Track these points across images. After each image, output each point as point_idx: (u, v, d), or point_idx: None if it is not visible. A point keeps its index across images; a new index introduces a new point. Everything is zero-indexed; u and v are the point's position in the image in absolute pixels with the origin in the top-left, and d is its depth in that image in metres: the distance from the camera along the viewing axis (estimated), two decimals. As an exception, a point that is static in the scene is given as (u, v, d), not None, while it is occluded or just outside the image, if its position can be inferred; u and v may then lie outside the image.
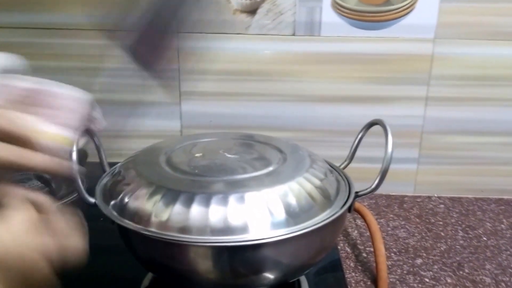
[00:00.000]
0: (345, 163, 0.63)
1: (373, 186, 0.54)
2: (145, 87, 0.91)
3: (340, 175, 0.60)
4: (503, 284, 0.67)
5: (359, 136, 0.62)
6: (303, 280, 0.61)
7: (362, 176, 0.56)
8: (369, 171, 0.56)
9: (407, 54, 0.88)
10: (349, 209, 0.53)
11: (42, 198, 0.42)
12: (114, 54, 0.89)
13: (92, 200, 0.52)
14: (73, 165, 0.48)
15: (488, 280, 0.68)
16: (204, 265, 0.48)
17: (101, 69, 0.91)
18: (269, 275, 0.49)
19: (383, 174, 0.53)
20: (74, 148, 0.50)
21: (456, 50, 0.88)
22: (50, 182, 0.75)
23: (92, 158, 0.62)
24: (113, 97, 0.92)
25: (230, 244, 0.46)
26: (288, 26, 0.87)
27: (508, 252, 0.75)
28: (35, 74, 0.91)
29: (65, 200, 0.80)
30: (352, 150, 0.63)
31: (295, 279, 0.59)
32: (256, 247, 0.46)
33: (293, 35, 0.88)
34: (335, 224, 0.52)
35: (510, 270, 0.70)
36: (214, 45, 0.89)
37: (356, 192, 0.55)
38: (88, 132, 0.57)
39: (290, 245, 0.48)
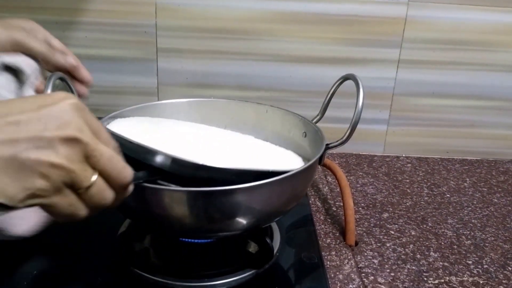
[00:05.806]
0: (318, 117, 0.65)
1: (344, 138, 0.56)
2: (122, 43, 0.91)
3: (314, 128, 0.62)
4: (463, 237, 0.70)
5: (332, 90, 0.63)
6: (276, 230, 0.63)
7: (335, 136, 0.58)
8: (342, 131, 0.58)
9: (381, 16, 0.89)
10: (320, 160, 0.56)
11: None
12: (91, 8, 0.89)
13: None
14: None
15: (449, 233, 0.71)
16: (180, 211, 0.49)
17: (77, 23, 0.90)
18: (242, 220, 0.51)
19: (354, 126, 0.55)
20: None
21: (429, 14, 0.90)
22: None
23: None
24: (90, 52, 0.91)
25: (205, 189, 0.47)
26: (265, -15, 0.87)
27: (470, 208, 0.78)
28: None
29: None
30: (324, 104, 0.65)
31: (267, 225, 0.60)
32: (229, 193, 0.48)
33: (270, -6, 0.88)
34: (306, 173, 0.54)
35: (471, 225, 0.73)
36: (190, 2, 0.88)
37: (327, 144, 0.57)
38: (63, 80, 0.56)
39: (263, 191, 0.50)
